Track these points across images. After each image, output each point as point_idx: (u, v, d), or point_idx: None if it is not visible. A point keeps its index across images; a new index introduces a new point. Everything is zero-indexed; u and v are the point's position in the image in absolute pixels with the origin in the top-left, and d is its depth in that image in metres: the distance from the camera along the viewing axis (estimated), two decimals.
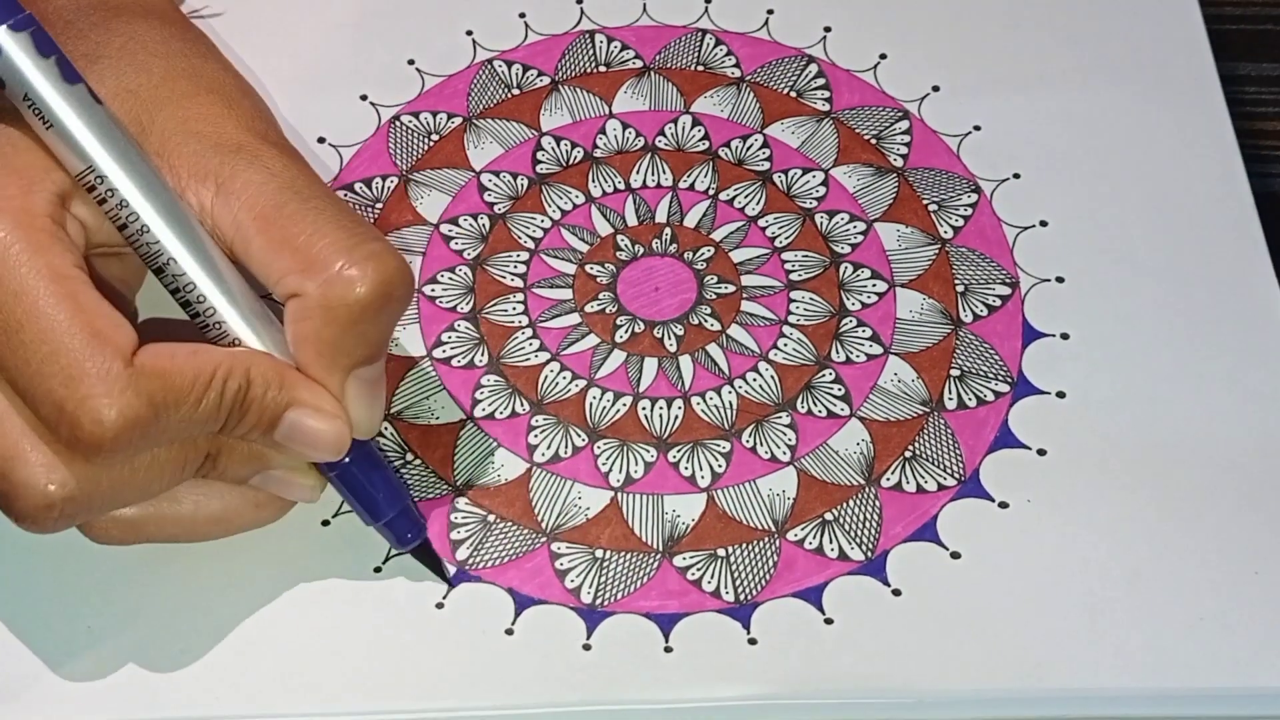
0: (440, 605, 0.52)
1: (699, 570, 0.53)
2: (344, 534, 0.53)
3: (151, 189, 0.48)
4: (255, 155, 0.49)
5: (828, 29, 0.66)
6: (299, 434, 0.48)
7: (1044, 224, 0.61)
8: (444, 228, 0.61)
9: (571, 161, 0.62)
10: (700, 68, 0.65)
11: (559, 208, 0.61)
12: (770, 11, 0.67)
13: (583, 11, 0.67)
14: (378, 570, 0.53)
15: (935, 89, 0.65)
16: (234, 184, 0.48)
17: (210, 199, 0.48)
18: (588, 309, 0.59)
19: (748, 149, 0.63)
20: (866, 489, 0.55)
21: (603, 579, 0.52)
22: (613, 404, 0.56)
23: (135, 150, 0.48)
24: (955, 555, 0.53)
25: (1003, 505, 0.54)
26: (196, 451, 0.48)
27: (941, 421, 0.56)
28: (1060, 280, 0.59)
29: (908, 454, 0.55)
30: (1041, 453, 0.55)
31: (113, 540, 0.50)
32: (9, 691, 0.50)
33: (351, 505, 0.52)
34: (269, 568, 0.52)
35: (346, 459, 0.50)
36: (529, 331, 0.58)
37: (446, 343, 0.58)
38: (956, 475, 0.55)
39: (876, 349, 0.58)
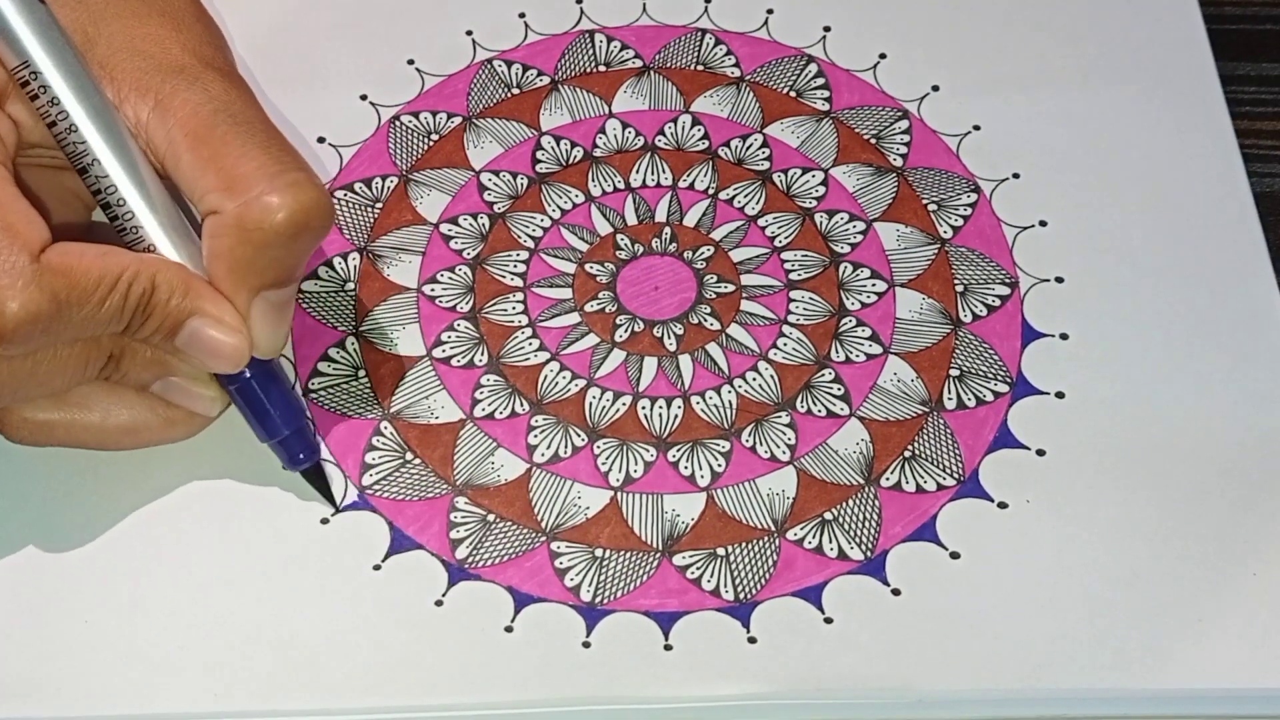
0: (440, 603, 0.52)
1: (698, 569, 0.53)
2: (343, 532, 0.53)
3: (84, 91, 0.49)
4: (196, 77, 0.50)
5: (827, 29, 0.66)
6: (199, 342, 0.50)
7: (1043, 224, 0.61)
8: (444, 227, 0.61)
9: (571, 161, 0.62)
10: (700, 67, 0.65)
11: (559, 207, 0.61)
12: (770, 11, 0.67)
13: (582, 11, 0.67)
14: (377, 568, 0.53)
15: (935, 89, 0.65)
16: (172, 102, 0.50)
17: (147, 114, 0.50)
18: (587, 308, 0.59)
19: (747, 148, 0.63)
20: (866, 489, 0.55)
21: (602, 578, 0.52)
22: (612, 403, 0.56)
23: (73, 54, 0.49)
24: (955, 555, 0.53)
25: (1002, 505, 0.54)
26: (100, 351, 0.50)
27: (941, 421, 0.56)
28: (1060, 280, 0.59)
29: (907, 454, 0.55)
30: (1041, 453, 0.55)
31: (25, 440, 0.52)
32: (7, 687, 0.50)
33: (248, 421, 0.52)
34: (268, 565, 0.52)
35: (246, 374, 0.51)
36: (529, 331, 0.58)
37: (446, 342, 0.58)
38: (956, 475, 0.55)
39: (876, 349, 0.58)
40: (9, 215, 0.47)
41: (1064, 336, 0.58)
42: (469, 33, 0.66)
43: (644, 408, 0.56)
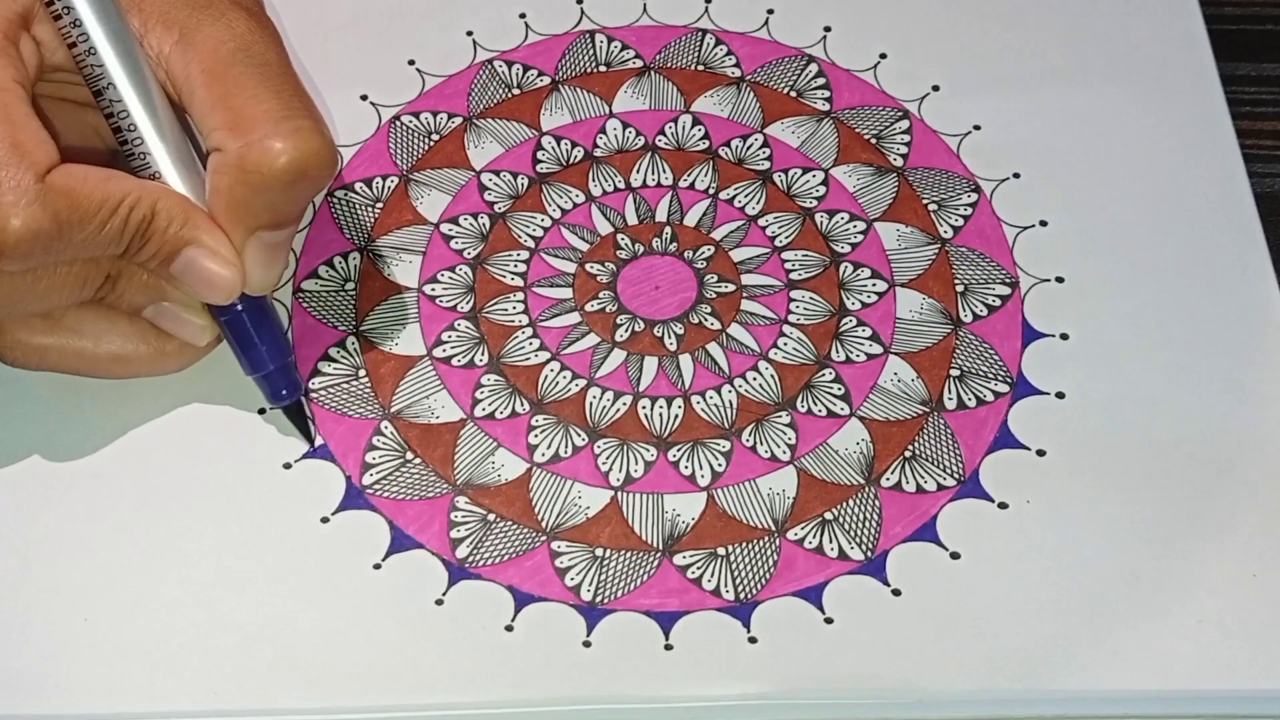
0: (440, 602, 0.52)
1: (699, 569, 0.53)
2: (344, 531, 0.53)
3: (107, 16, 0.50)
4: (222, 13, 0.51)
5: (828, 29, 0.66)
6: (194, 271, 0.51)
7: (1044, 224, 0.61)
8: (444, 227, 0.61)
9: (572, 161, 0.62)
10: (700, 67, 0.65)
11: (559, 207, 0.61)
12: (770, 11, 0.67)
13: (583, 11, 0.67)
14: (377, 567, 0.53)
15: (935, 89, 0.65)
16: (195, 36, 0.51)
17: (170, 46, 0.51)
18: (588, 308, 0.59)
19: (748, 148, 0.63)
20: (866, 489, 0.55)
21: (602, 577, 0.52)
22: (613, 403, 0.56)
23: None
24: (955, 555, 0.53)
25: (1002, 506, 0.54)
26: (97, 272, 0.51)
27: (941, 421, 0.56)
28: (1060, 280, 0.59)
29: (907, 454, 0.55)
30: (1041, 453, 0.55)
31: (18, 362, 0.53)
32: (6, 684, 0.50)
33: (235, 353, 0.54)
34: (268, 563, 0.52)
35: (238, 307, 0.52)
36: (529, 331, 0.58)
37: (446, 342, 0.58)
38: (956, 475, 0.55)
39: (876, 348, 0.58)
40: (19, 133, 0.48)
41: (1064, 337, 0.58)
42: (469, 33, 0.66)
43: (644, 407, 0.56)
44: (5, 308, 0.50)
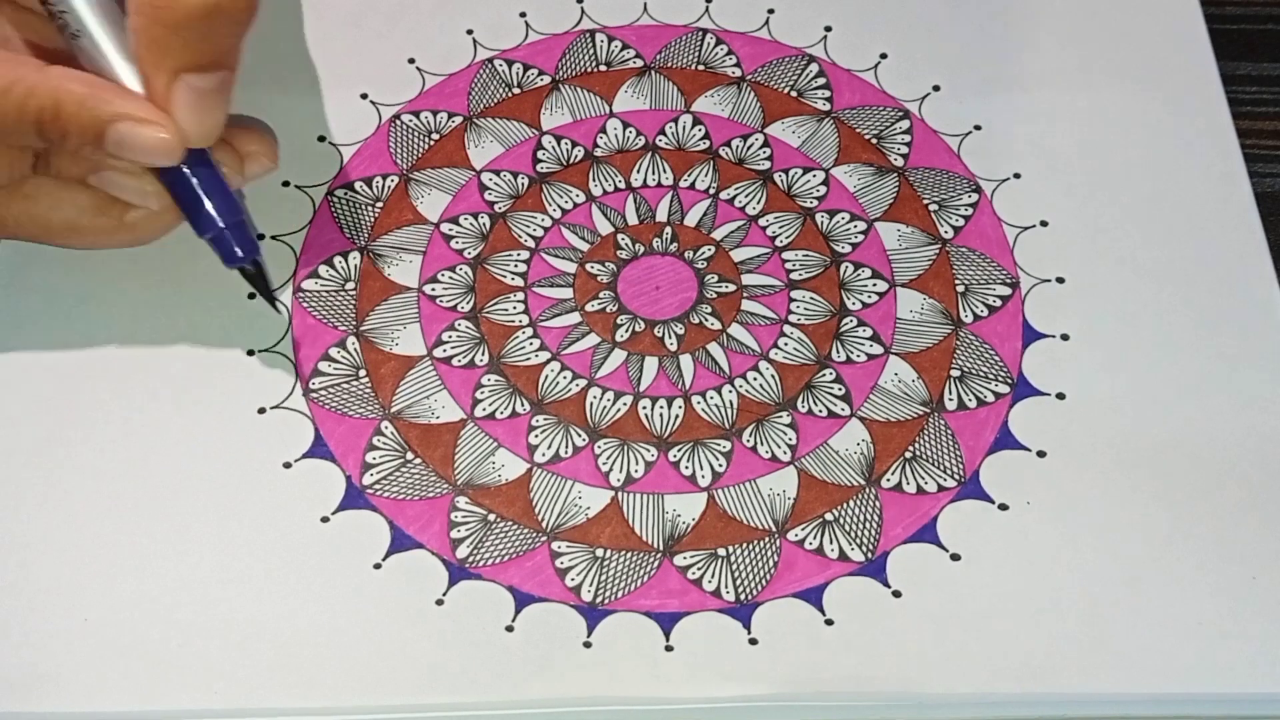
0: (440, 602, 0.52)
1: (699, 570, 0.53)
2: (344, 531, 0.53)
3: None
4: None
5: (828, 29, 0.66)
6: (129, 142, 0.50)
7: (1044, 224, 0.61)
8: (444, 227, 0.61)
9: (572, 160, 0.62)
10: (701, 67, 0.65)
11: (559, 207, 0.61)
12: (771, 11, 0.67)
13: (583, 11, 0.67)
14: (377, 567, 0.53)
15: (936, 89, 0.65)
16: None
17: None
18: (588, 308, 0.59)
19: (748, 148, 0.63)
20: (867, 489, 0.55)
21: (603, 578, 0.52)
22: (613, 403, 0.56)
23: None
24: (955, 557, 0.53)
25: (1003, 507, 0.54)
26: (22, 154, 0.52)
27: (942, 422, 0.56)
28: (1060, 281, 0.59)
29: (908, 455, 0.55)
30: (1041, 454, 0.55)
31: None
32: (7, 683, 0.50)
33: (185, 215, 0.53)
34: (268, 563, 0.52)
35: (182, 167, 0.51)
36: (529, 331, 0.58)
37: (447, 342, 0.58)
38: (957, 476, 0.55)
39: (877, 349, 0.58)
40: None
41: (1065, 337, 0.58)
42: (470, 32, 0.66)
43: (645, 407, 0.56)
44: None
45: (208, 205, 0.52)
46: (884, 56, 0.66)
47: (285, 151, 0.61)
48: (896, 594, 0.52)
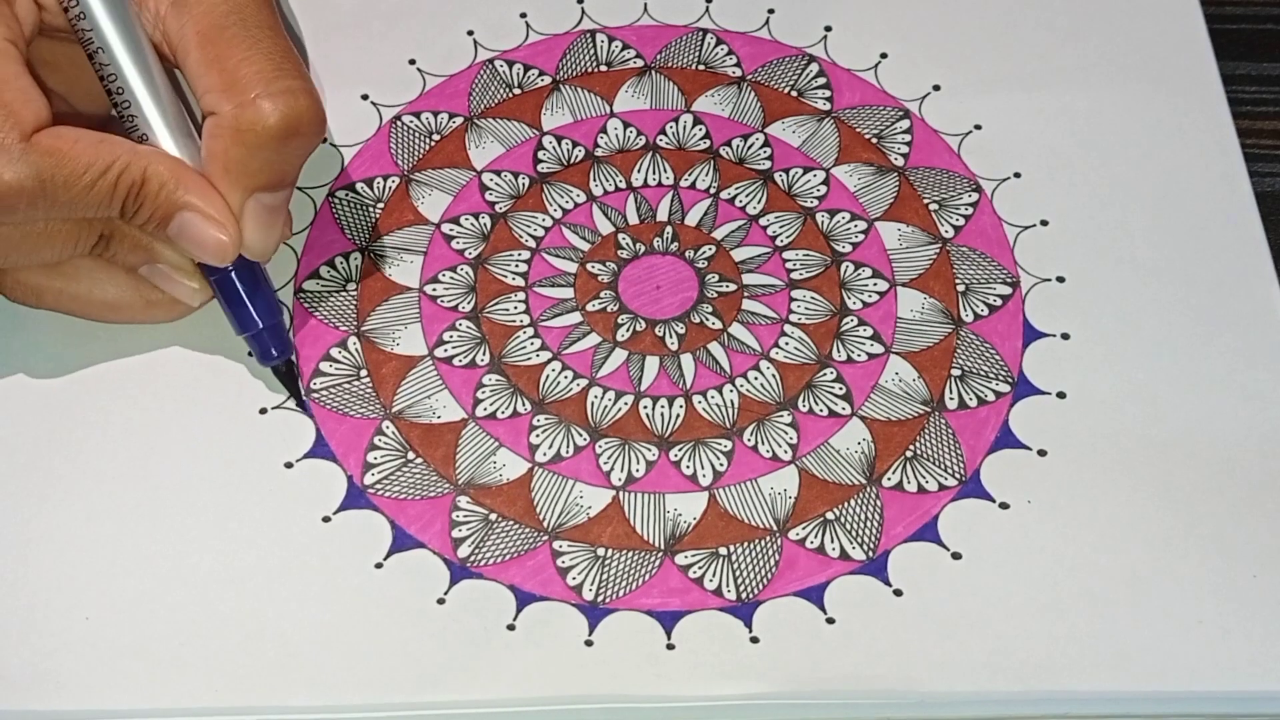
0: (441, 601, 0.52)
1: (700, 568, 0.53)
2: (345, 530, 0.53)
3: None
4: None
5: (828, 28, 0.66)
6: (189, 234, 0.52)
7: (1045, 223, 0.61)
8: (445, 227, 0.61)
9: (573, 160, 0.62)
10: (701, 67, 0.65)
11: (560, 207, 0.61)
12: (771, 11, 0.67)
13: (583, 11, 0.67)
14: (379, 566, 0.53)
15: (936, 88, 0.65)
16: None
17: (165, 8, 0.52)
18: (589, 308, 0.59)
19: (749, 148, 0.63)
20: (868, 488, 0.55)
21: (604, 577, 0.52)
22: (614, 403, 0.56)
23: None
24: (956, 556, 0.53)
25: (1003, 506, 0.54)
26: (91, 231, 0.53)
27: (942, 421, 0.56)
28: (1061, 280, 0.60)
29: (909, 454, 0.55)
30: (1042, 453, 0.55)
31: (18, 299, 0.55)
32: (8, 682, 0.50)
33: (225, 313, 0.55)
34: (270, 563, 0.52)
35: (229, 269, 0.54)
36: (530, 331, 0.58)
37: (448, 342, 0.58)
38: (957, 475, 0.55)
39: (878, 348, 0.58)
40: (6, 93, 0.49)
41: (1065, 336, 0.58)
42: (470, 33, 0.66)
43: (645, 407, 0.56)
44: (2, 259, 0.52)
45: (250, 307, 0.54)
46: (884, 56, 0.66)
47: None
48: (897, 593, 0.52)
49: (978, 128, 0.64)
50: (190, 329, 0.57)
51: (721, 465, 0.55)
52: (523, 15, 0.67)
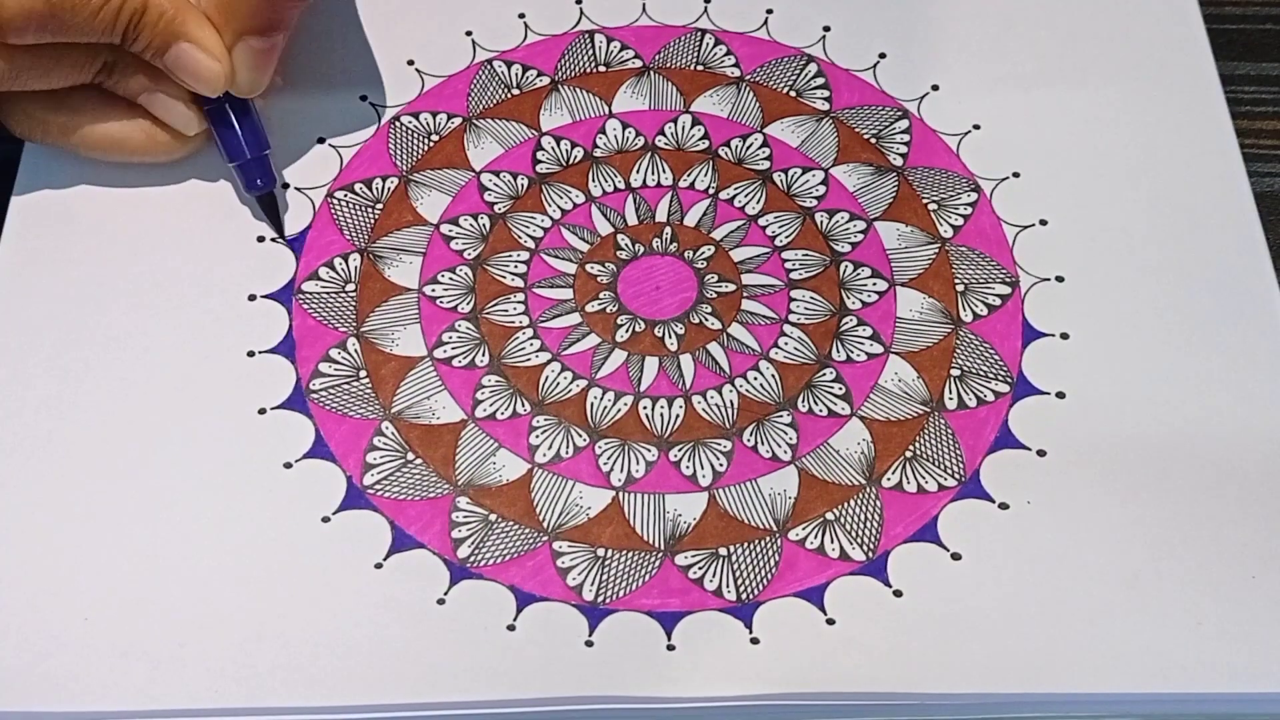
0: (441, 601, 0.52)
1: (700, 569, 0.53)
2: (345, 530, 0.53)
3: None
4: None
5: (827, 28, 0.66)
6: (184, 62, 0.57)
7: (1044, 223, 0.61)
8: (444, 228, 0.61)
9: (571, 161, 0.62)
10: (700, 67, 0.65)
11: (559, 207, 0.61)
12: (769, 11, 0.67)
13: (582, 12, 0.67)
14: (378, 566, 0.53)
15: (935, 88, 0.65)
16: None
17: None
18: (588, 308, 0.59)
19: (747, 148, 0.63)
20: (867, 489, 0.55)
21: (604, 577, 0.52)
22: (614, 403, 0.56)
23: None
24: (956, 556, 0.53)
25: (1003, 506, 0.54)
26: (95, 58, 0.57)
27: (942, 421, 0.56)
28: (1060, 280, 0.60)
29: (908, 454, 0.55)
30: (1041, 453, 0.55)
31: (23, 133, 0.59)
32: (6, 682, 0.50)
33: (216, 143, 0.60)
34: (269, 563, 0.52)
35: (223, 100, 0.59)
36: (530, 331, 0.58)
37: (447, 343, 0.58)
38: (957, 476, 0.55)
39: (877, 348, 0.58)
40: None
41: (1064, 336, 0.58)
42: (469, 33, 0.66)
43: (645, 407, 0.56)
44: (12, 82, 0.56)
45: (240, 137, 0.59)
46: (883, 56, 0.66)
47: (286, 153, 0.62)
48: (897, 593, 0.52)
49: (976, 127, 0.64)
50: (191, 329, 0.57)
51: (721, 465, 0.55)
52: (521, 16, 0.67)
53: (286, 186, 0.61)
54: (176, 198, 0.60)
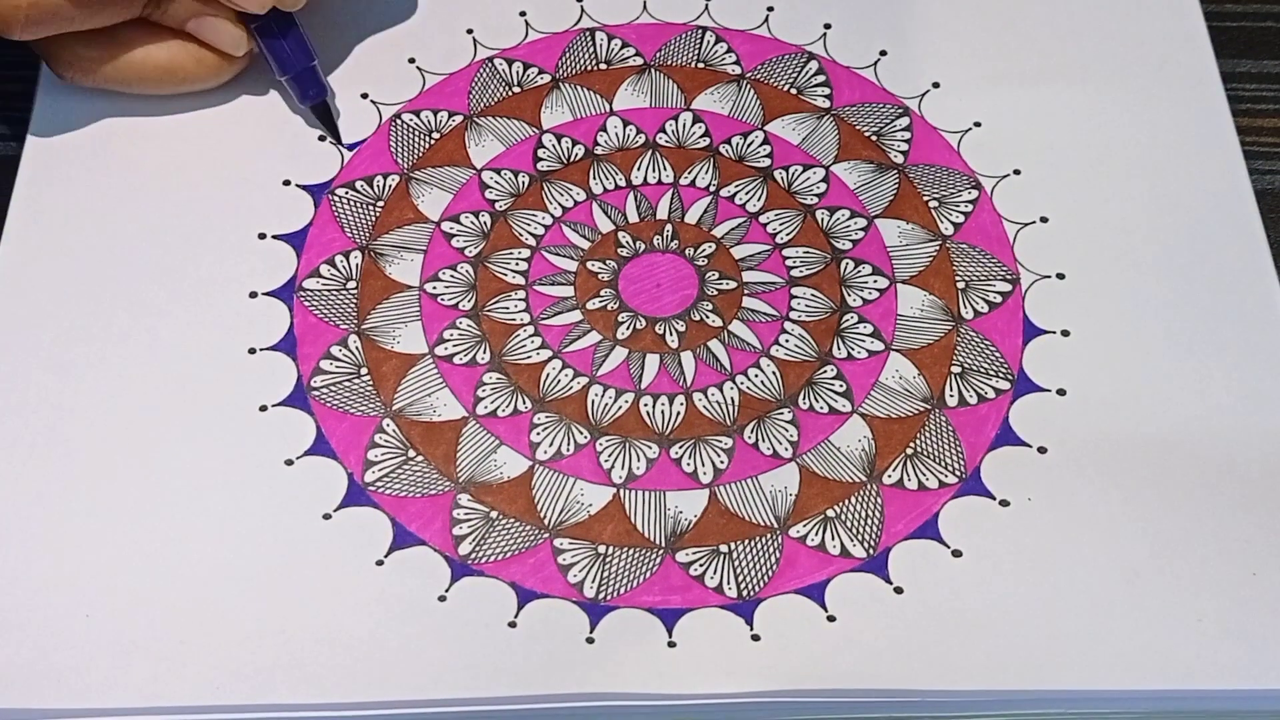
0: (443, 598, 0.52)
1: (701, 566, 0.53)
2: (346, 527, 0.53)
3: None
4: None
5: (828, 26, 0.66)
6: None
7: (1044, 220, 0.61)
8: (445, 225, 0.61)
9: (572, 159, 0.62)
10: (701, 65, 0.65)
11: (560, 205, 0.61)
12: (770, 9, 0.67)
13: (583, 9, 0.67)
14: (380, 563, 0.53)
15: (935, 85, 0.65)
16: None
17: None
18: (589, 306, 0.59)
19: (748, 146, 0.63)
20: (868, 485, 0.55)
21: (605, 574, 0.53)
22: (614, 401, 0.56)
23: None
24: (956, 553, 0.53)
25: (1003, 503, 0.54)
26: None
27: (943, 418, 0.56)
28: (1061, 277, 0.60)
29: (909, 451, 0.55)
30: (1042, 450, 0.55)
31: (74, 76, 0.61)
32: (8, 679, 0.50)
33: (266, 59, 0.62)
34: (270, 560, 0.52)
35: (269, 16, 0.60)
36: (530, 329, 0.58)
37: (448, 340, 0.58)
38: (957, 473, 0.55)
39: (878, 345, 0.58)
40: None
41: (1065, 333, 0.58)
42: (470, 31, 0.66)
43: (646, 405, 0.56)
44: (64, 23, 0.58)
45: (289, 50, 0.61)
46: (883, 53, 0.66)
47: (286, 151, 0.62)
48: (898, 590, 0.52)
49: (977, 125, 0.64)
50: (192, 327, 0.57)
51: (722, 463, 0.55)
52: (522, 13, 0.67)
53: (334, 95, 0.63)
54: (177, 196, 0.61)
